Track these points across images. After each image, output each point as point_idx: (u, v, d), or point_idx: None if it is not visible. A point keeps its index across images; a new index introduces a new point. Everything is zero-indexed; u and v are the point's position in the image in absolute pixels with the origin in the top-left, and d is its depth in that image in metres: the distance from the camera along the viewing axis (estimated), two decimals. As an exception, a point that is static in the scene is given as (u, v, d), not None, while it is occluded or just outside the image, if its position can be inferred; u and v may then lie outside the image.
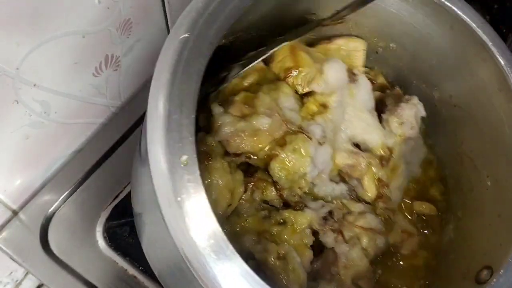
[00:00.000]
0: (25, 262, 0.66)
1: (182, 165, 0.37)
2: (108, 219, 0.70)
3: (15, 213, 0.69)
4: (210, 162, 0.49)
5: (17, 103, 0.58)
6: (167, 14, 0.76)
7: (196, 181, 0.37)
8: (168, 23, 0.78)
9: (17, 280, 0.74)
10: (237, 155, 0.52)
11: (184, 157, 0.37)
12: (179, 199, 0.36)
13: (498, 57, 0.53)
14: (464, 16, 0.55)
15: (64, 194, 0.71)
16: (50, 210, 0.70)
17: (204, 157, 0.49)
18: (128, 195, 0.71)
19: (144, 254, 0.54)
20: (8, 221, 0.68)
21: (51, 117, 0.65)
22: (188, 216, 0.36)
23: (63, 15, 0.56)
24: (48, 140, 0.67)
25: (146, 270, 0.67)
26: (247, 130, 0.50)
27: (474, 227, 0.58)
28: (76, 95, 0.67)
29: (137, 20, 0.69)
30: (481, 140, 0.58)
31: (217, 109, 0.51)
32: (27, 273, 0.75)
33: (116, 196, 0.72)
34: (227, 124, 0.50)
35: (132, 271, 0.67)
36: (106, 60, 0.69)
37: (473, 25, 0.55)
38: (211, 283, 0.36)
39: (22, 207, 0.69)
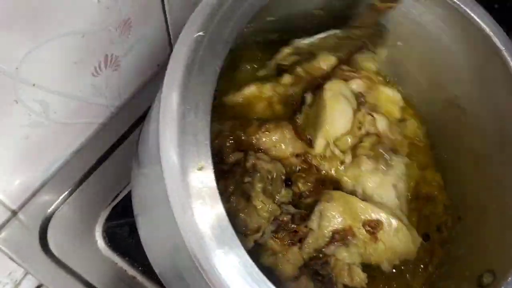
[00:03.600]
0: (24, 262, 0.66)
1: (197, 170, 0.36)
2: (108, 219, 0.70)
3: (14, 213, 0.68)
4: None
5: (17, 103, 0.58)
6: (167, 14, 0.76)
7: (211, 188, 0.36)
8: (168, 23, 0.78)
9: (16, 281, 0.74)
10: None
11: (200, 163, 0.36)
12: (193, 206, 0.35)
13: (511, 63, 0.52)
14: (477, 20, 0.54)
15: (64, 194, 0.71)
16: (49, 210, 0.69)
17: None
18: (128, 195, 0.71)
19: (146, 254, 0.54)
20: (7, 221, 0.68)
21: (50, 117, 0.65)
22: (203, 223, 0.35)
23: (62, 14, 0.56)
24: (47, 140, 0.67)
25: (146, 270, 0.67)
26: None
27: (476, 228, 0.58)
28: (76, 95, 0.67)
29: (137, 20, 0.69)
30: (485, 142, 0.58)
31: None
32: (26, 274, 0.74)
33: (116, 196, 0.72)
34: None
35: (131, 271, 0.67)
36: (106, 60, 0.68)
37: (487, 29, 0.54)
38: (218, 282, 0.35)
39: (21, 207, 0.69)
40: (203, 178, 0.36)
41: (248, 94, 0.59)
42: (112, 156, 0.74)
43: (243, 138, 0.54)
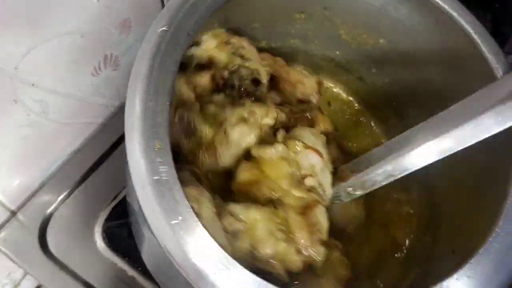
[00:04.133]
0: (23, 262, 0.66)
1: (155, 149, 0.39)
2: (107, 220, 0.70)
3: (13, 213, 0.68)
4: None
5: (16, 102, 0.58)
6: (167, 13, 0.76)
7: (168, 164, 0.39)
8: (168, 22, 0.77)
9: (15, 281, 0.74)
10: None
11: (158, 142, 0.40)
12: (155, 178, 0.39)
13: (485, 50, 0.52)
14: (447, 9, 0.54)
15: (63, 195, 0.71)
16: (48, 211, 0.69)
17: None
18: (127, 196, 0.71)
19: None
20: (7, 221, 0.68)
21: (49, 117, 0.64)
22: (160, 198, 0.38)
23: (61, 14, 0.56)
24: (46, 140, 0.67)
25: (145, 270, 0.66)
26: None
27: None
28: (75, 95, 0.67)
29: (136, 20, 0.69)
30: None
31: None
32: (25, 274, 0.74)
33: (115, 197, 0.72)
34: None
35: (131, 272, 0.67)
36: (105, 60, 0.68)
37: (458, 18, 0.53)
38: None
39: (20, 207, 0.69)
40: (161, 156, 0.40)
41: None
42: (112, 156, 0.74)
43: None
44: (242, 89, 0.61)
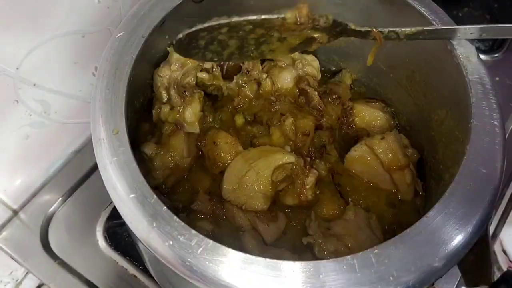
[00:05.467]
0: (25, 261, 0.66)
1: (113, 133, 0.46)
2: (108, 219, 0.70)
3: (15, 212, 0.69)
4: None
5: (17, 103, 0.58)
6: (167, 14, 0.76)
7: (125, 146, 0.45)
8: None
9: (17, 280, 0.74)
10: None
11: (115, 128, 0.46)
12: (110, 162, 0.44)
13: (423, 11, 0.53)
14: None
15: (65, 194, 0.71)
16: (50, 210, 0.70)
17: None
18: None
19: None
20: (9, 220, 0.68)
21: (51, 116, 0.65)
22: (118, 176, 0.44)
23: (63, 15, 0.57)
24: (48, 140, 0.68)
25: (146, 269, 0.67)
26: None
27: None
28: (76, 95, 0.67)
29: (137, 20, 0.69)
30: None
31: None
32: (27, 273, 0.74)
33: (116, 196, 0.72)
34: None
35: (132, 270, 0.67)
36: (106, 60, 0.69)
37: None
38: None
39: (22, 206, 0.69)
40: (118, 139, 0.46)
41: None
42: (113, 156, 0.74)
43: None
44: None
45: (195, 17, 0.55)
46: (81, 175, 0.72)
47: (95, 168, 0.72)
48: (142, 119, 0.59)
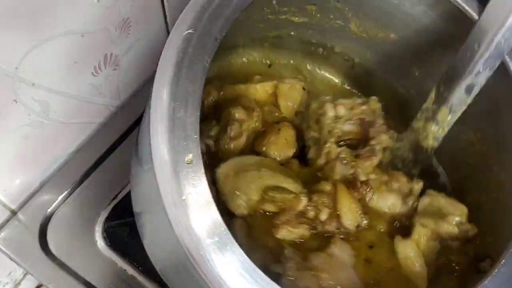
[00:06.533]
0: (24, 262, 0.66)
1: (187, 164, 0.37)
2: (108, 219, 0.70)
3: (14, 213, 0.68)
4: None
5: (16, 102, 0.58)
6: (166, 13, 0.76)
7: (201, 180, 0.37)
8: (168, 22, 0.77)
9: (16, 280, 0.74)
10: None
11: (190, 156, 0.37)
12: (184, 198, 0.36)
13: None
14: (465, 6, 0.53)
15: (63, 194, 0.71)
16: (49, 210, 0.69)
17: None
18: (128, 195, 0.71)
19: (146, 252, 0.54)
20: (7, 221, 0.68)
21: (50, 116, 0.65)
22: (193, 215, 0.36)
23: (62, 14, 0.56)
24: (47, 140, 0.67)
25: (146, 270, 0.66)
26: None
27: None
28: (75, 95, 0.67)
29: (137, 19, 0.69)
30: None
31: None
32: (26, 273, 0.74)
33: (116, 196, 0.72)
34: None
35: (131, 271, 0.67)
36: (105, 60, 0.68)
37: (475, 16, 0.53)
38: (214, 279, 0.36)
39: (21, 207, 0.69)
40: (193, 170, 0.37)
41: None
42: (112, 155, 0.74)
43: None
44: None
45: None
46: (80, 175, 0.72)
47: (94, 168, 0.73)
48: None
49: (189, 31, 0.41)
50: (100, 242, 0.68)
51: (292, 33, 0.68)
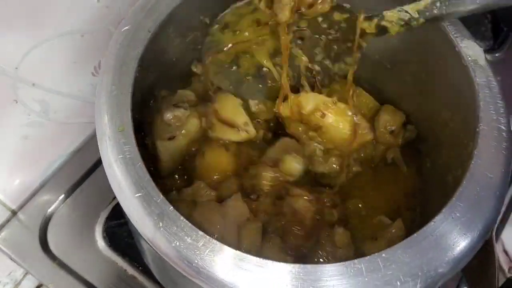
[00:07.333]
0: (24, 262, 0.66)
1: (119, 130, 0.44)
2: (108, 219, 0.70)
3: (14, 213, 0.68)
4: None
5: (16, 102, 0.58)
6: (167, 12, 0.76)
7: (131, 144, 0.44)
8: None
9: (16, 280, 0.74)
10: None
11: (120, 124, 0.45)
12: (120, 157, 0.43)
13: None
14: None
15: (63, 194, 0.71)
16: (49, 210, 0.69)
17: None
18: (128, 195, 0.70)
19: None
20: (7, 221, 0.68)
21: (50, 116, 0.65)
22: (124, 174, 0.43)
23: (62, 14, 0.56)
24: (47, 140, 0.67)
25: (146, 270, 0.66)
26: None
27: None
28: (75, 95, 0.67)
29: (137, 19, 0.69)
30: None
31: None
32: (26, 273, 0.74)
33: (116, 196, 0.71)
34: None
35: (131, 271, 0.67)
36: (105, 59, 0.68)
37: None
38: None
39: (21, 207, 0.69)
40: (124, 136, 0.44)
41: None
42: (112, 155, 0.74)
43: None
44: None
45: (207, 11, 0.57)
46: (80, 175, 0.72)
47: (94, 168, 0.72)
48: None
49: (126, 27, 0.50)
50: (100, 242, 0.68)
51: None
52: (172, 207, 0.41)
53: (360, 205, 0.61)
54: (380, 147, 0.64)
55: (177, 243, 0.39)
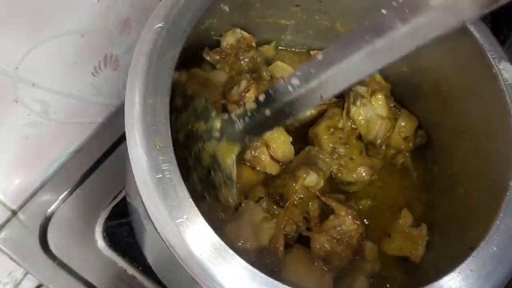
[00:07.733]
0: (24, 262, 0.66)
1: (157, 147, 0.39)
2: (108, 219, 0.70)
3: (14, 213, 0.68)
4: None
5: (16, 102, 0.58)
6: (167, 13, 0.76)
7: (171, 161, 0.39)
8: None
9: (16, 280, 0.74)
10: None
11: (158, 139, 0.39)
12: (157, 176, 0.38)
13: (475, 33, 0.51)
14: None
15: (63, 194, 0.71)
16: (49, 210, 0.69)
17: None
18: (128, 195, 0.71)
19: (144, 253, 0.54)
20: (7, 221, 0.68)
21: (50, 116, 0.65)
22: (163, 195, 0.38)
23: (62, 14, 0.56)
24: (47, 140, 0.67)
25: (146, 270, 0.66)
26: None
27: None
28: (75, 95, 0.67)
29: (136, 20, 0.69)
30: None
31: None
32: (26, 273, 0.74)
33: (116, 196, 0.72)
34: None
35: (131, 271, 0.67)
36: (105, 60, 0.68)
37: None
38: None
39: (21, 207, 0.69)
40: (163, 153, 0.39)
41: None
42: (112, 155, 0.74)
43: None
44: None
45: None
46: (80, 175, 0.72)
47: (94, 168, 0.73)
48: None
49: (160, 25, 0.44)
50: (100, 242, 0.68)
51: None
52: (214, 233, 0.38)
53: (369, 204, 0.61)
54: (390, 151, 0.63)
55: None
